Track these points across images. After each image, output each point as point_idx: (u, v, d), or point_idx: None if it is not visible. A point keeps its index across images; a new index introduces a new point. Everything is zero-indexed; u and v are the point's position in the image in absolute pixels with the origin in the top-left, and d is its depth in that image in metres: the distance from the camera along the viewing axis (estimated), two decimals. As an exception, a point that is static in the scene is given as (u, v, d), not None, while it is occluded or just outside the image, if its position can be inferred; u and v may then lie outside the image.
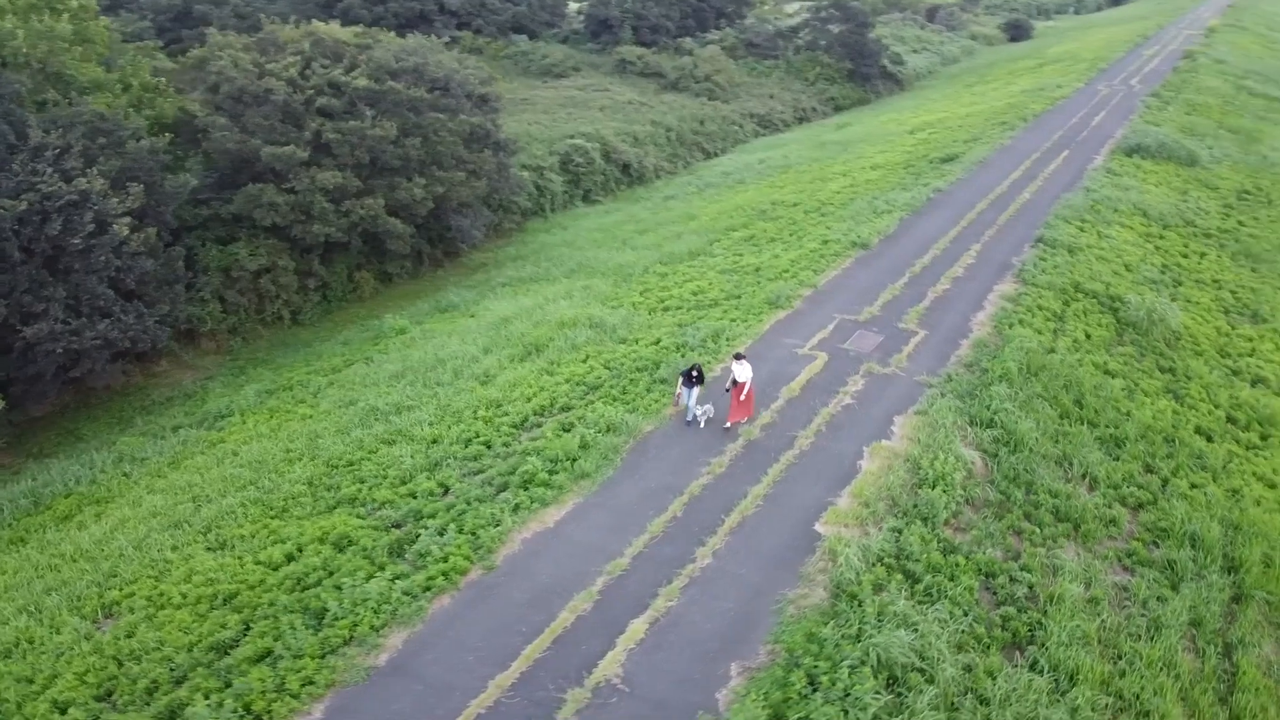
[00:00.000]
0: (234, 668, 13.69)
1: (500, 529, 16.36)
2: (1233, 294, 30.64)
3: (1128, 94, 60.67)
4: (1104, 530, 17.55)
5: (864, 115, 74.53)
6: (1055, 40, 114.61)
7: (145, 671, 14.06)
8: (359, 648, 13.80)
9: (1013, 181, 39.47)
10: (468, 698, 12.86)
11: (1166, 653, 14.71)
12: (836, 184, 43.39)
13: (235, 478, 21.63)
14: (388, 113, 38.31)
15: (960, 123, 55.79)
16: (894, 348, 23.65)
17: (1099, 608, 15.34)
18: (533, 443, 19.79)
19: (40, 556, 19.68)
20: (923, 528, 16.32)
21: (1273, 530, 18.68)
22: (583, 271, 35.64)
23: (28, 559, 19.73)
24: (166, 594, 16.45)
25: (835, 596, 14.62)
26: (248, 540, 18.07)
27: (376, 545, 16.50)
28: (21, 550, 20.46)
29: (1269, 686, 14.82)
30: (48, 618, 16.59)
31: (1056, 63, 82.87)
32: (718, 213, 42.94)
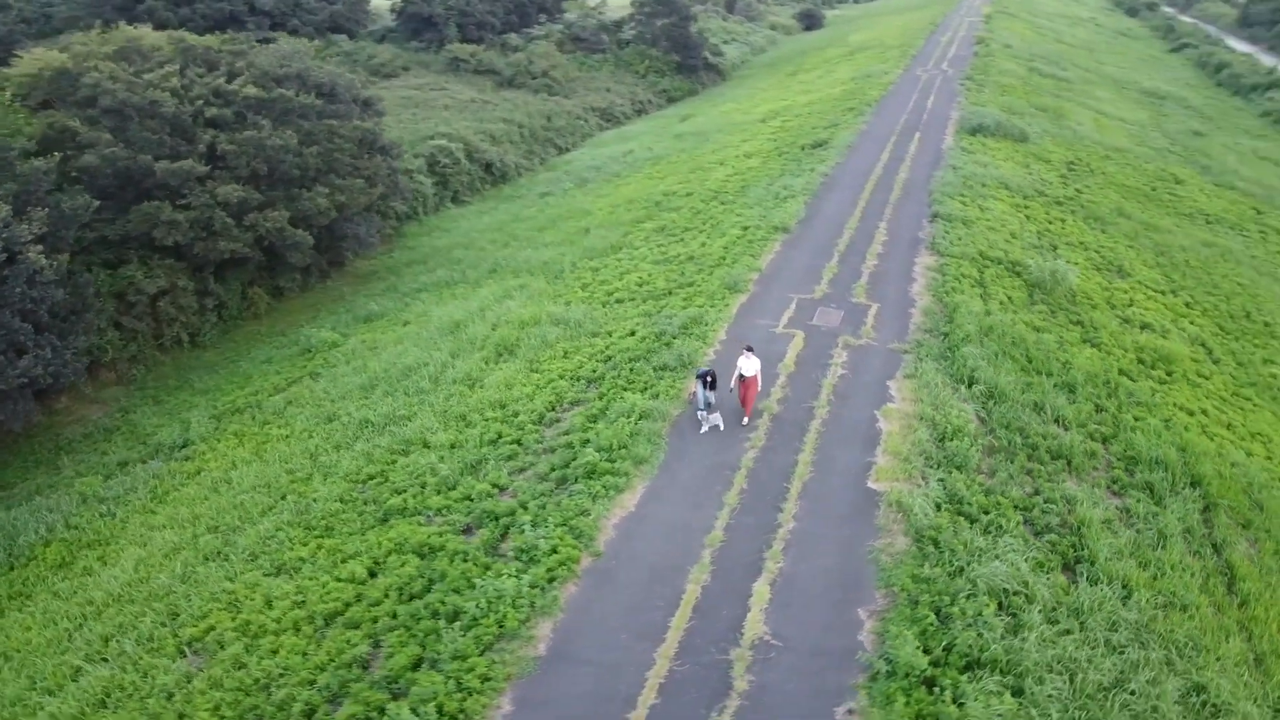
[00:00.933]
0: (395, 678, 13.90)
1: (591, 518, 17.12)
2: (1098, 253, 34.81)
3: (945, 78, 66.20)
4: (1089, 463, 20.21)
5: (701, 106, 77.37)
6: (849, 29, 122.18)
7: (292, 696, 14.02)
8: (514, 641, 14.32)
9: (885, 163, 42.81)
10: (641, 670, 13.71)
11: (1180, 557, 17.36)
12: (720, 173, 45.47)
13: (248, 504, 21.13)
14: (279, 121, 37.17)
15: (807, 110, 59.30)
16: (857, 321, 25.77)
17: (1114, 527, 17.85)
18: (567, 436, 20.49)
19: (66, 606, 18.66)
20: (961, 475, 18.36)
21: (1210, 449, 22.00)
22: (505, 272, 35.98)
23: (52, 610, 18.65)
24: (255, 622, 16.22)
25: (918, 541, 16.36)
26: (310, 562, 17.94)
27: (468, 548, 16.87)
28: (35, 602, 19.26)
29: (1256, 574, 17.77)
30: (129, 664, 15.97)
31: (865, 50, 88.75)
32: (610, 206, 44.13)
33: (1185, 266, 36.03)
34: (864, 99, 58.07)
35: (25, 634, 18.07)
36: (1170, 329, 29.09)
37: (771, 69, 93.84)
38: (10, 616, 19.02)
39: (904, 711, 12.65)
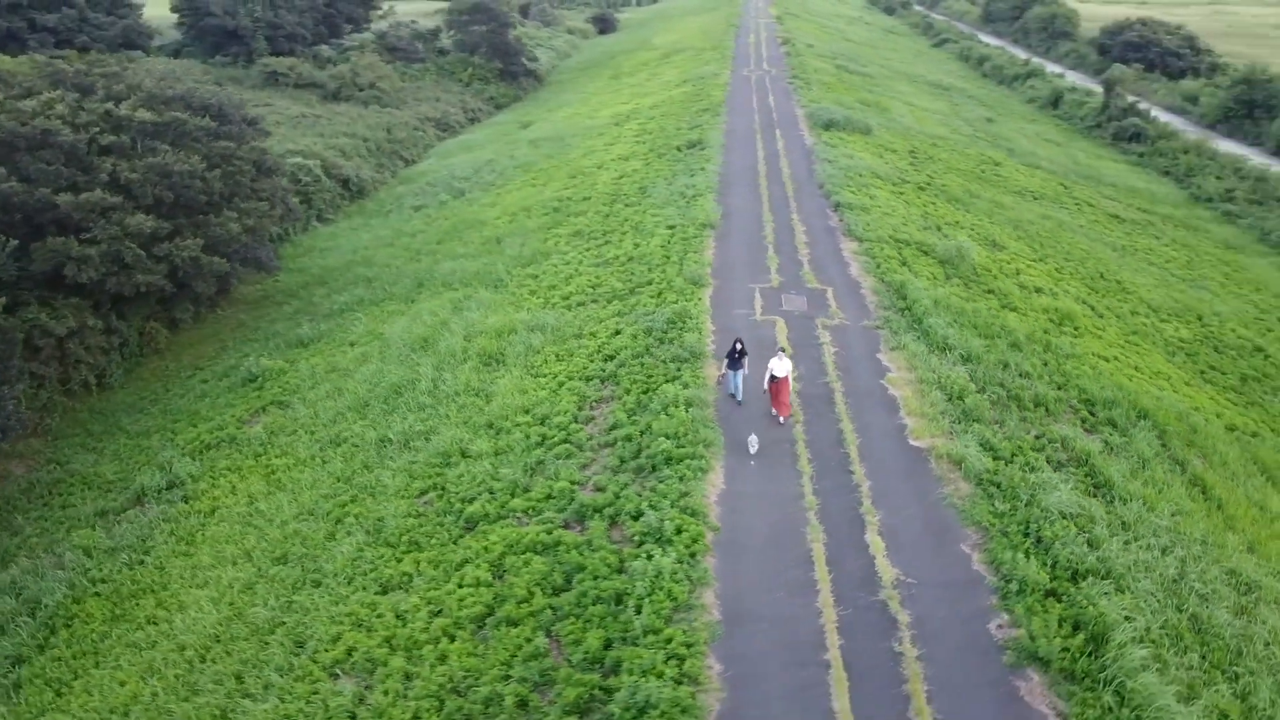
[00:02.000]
0: (595, 659, 14.93)
1: (693, 499, 18.57)
2: (972, 231, 39.22)
3: (771, 78, 70.78)
4: (1059, 407, 23.59)
5: (535, 111, 78.59)
6: (647, 32, 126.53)
7: (496, 692, 14.76)
8: (690, 611, 15.65)
9: (764, 159, 45.97)
10: (813, 619, 15.45)
11: (1164, 475, 20.89)
12: (604, 176, 47.17)
13: (307, 532, 21.07)
14: (176, 145, 35.70)
15: (657, 112, 61.89)
16: (820, 304, 28.33)
17: (1116, 455, 21.19)
18: (617, 430, 21.75)
19: (157, 655, 18.16)
20: (981, 426, 21.16)
21: (1137, 386, 26.05)
22: (435, 285, 36.20)
23: (143, 661, 18.10)
24: (400, 636, 16.67)
25: (979, 484, 18.94)
26: (418, 575, 18.42)
27: (586, 539, 17.95)
28: (111, 657, 18.54)
29: (1219, 482, 21.60)
30: (284, 694, 16.04)
31: (679, 53, 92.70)
32: (507, 215, 44.90)
33: (1039, 237, 41.14)
34: (710, 100, 61.32)
35: (128, 687, 17.49)
36: (1058, 291, 33.54)
37: (588, 73, 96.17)
38: (94, 675, 18.26)
39: (1047, 618, 15.05)
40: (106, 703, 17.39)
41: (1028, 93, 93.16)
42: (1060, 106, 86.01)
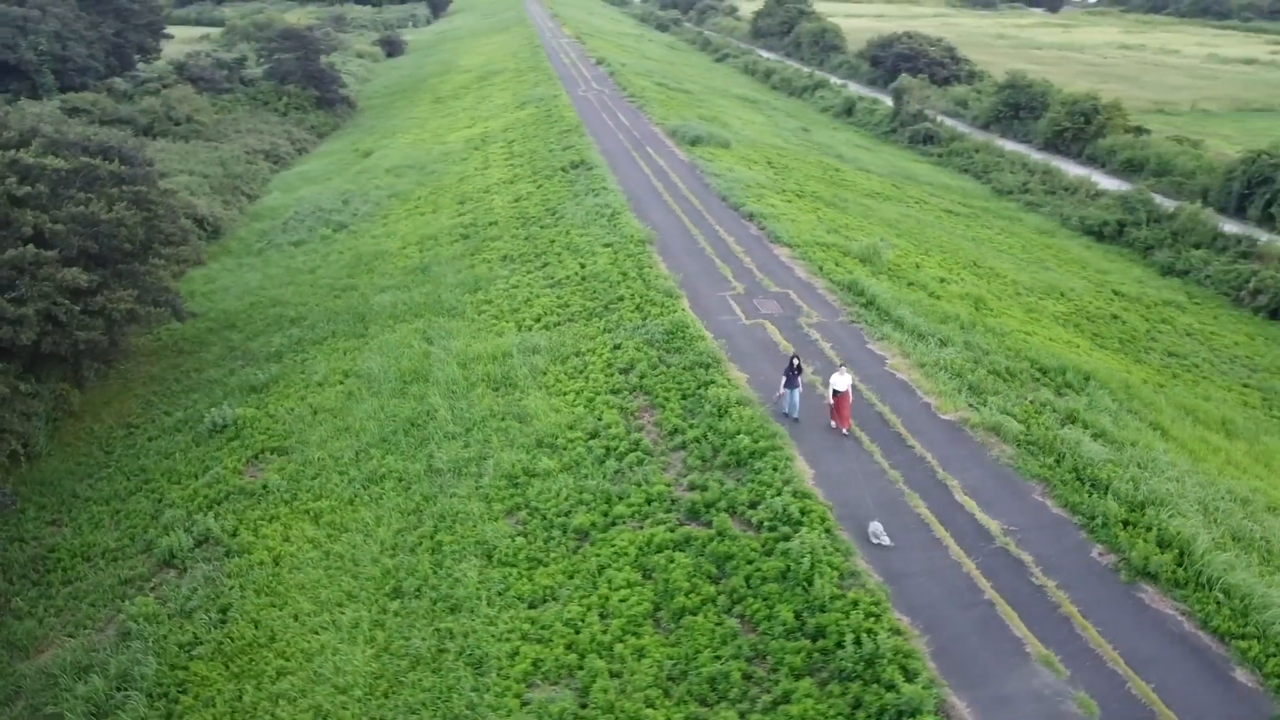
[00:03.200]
0: (799, 627, 16.82)
1: (797, 484, 20.68)
2: (860, 231, 43.42)
3: (610, 97, 73.55)
4: (1025, 376, 27.51)
5: (367, 139, 77.45)
6: (442, 54, 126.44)
7: (726, 669, 16.37)
8: (857, 578, 17.78)
9: (653, 175, 48.50)
10: (958, 568, 17.99)
11: (1139, 423, 25.09)
12: (498, 201, 48.17)
13: (409, 564, 21.47)
14: (89, 191, 33.83)
15: (515, 135, 63.11)
16: (790, 306, 31.12)
17: (1094, 412, 25.15)
18: (684, 434, 23.53)
19: (320, 699, 18.22)
20: (995, 397, 24.58)
21: (1066, 349, 30.54)
22: (383, 318, 36.14)
23: (312, 710, 18.11)
24: (590, 640, 17.83)
25: (1019, 445, 22.22)
26: (562, 587, 19.54)
27: (716, 530, 19.70)
28: (264, 712, 18.37)
29: (1174, 425, 26.09)
30: (501, 715, 16.83)
31: (496, 74, 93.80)
32: (407, 245, 45.06)
33: (911, 234, 46.03)
34: (566, 121, 63.18)
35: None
36: (958, 280, 38.11)
37: (404, 97, 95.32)
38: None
39: (1136, 541, 18.36)
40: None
41: (819, 102, 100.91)
42: (854, 114, 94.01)
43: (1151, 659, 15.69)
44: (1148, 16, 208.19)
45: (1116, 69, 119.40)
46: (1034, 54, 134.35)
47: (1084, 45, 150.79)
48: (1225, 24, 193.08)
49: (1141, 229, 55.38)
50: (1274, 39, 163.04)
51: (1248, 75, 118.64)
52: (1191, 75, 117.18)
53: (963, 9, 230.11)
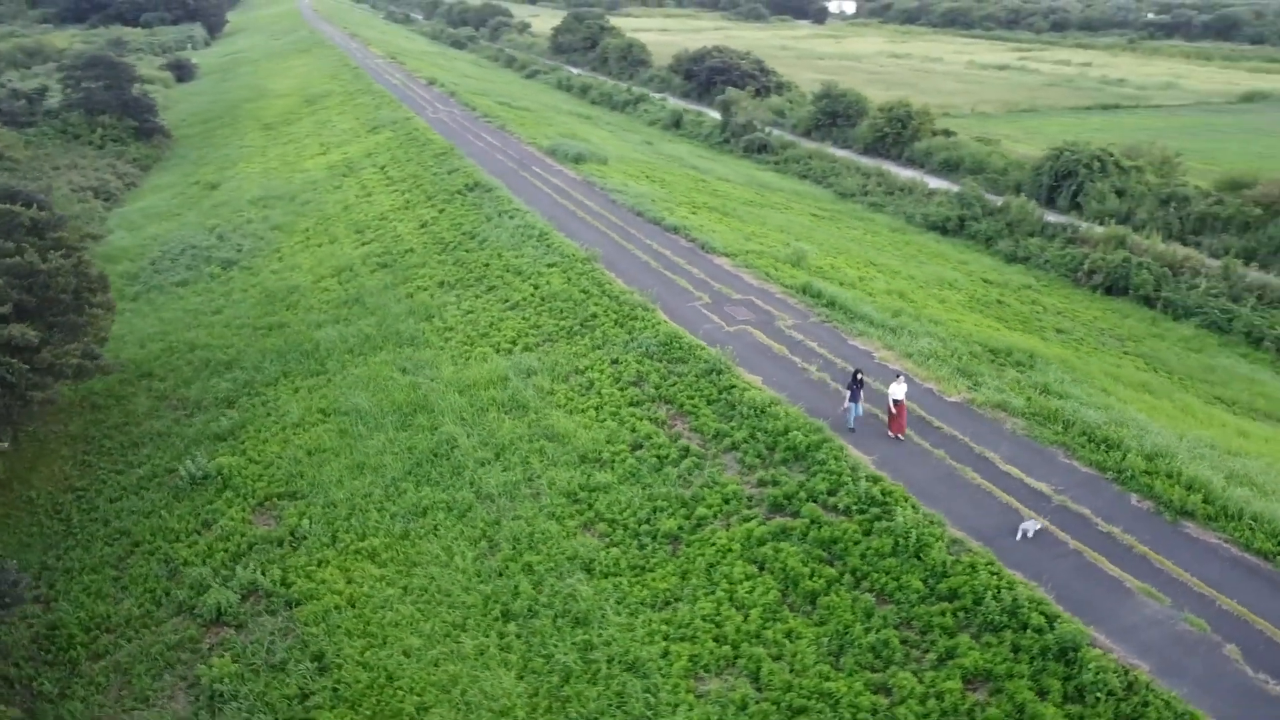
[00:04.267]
0: (930, 592, 18.86)
1: (863, 470, 22.72)
2: (766, 238, 46.31)
3: (464, 118, 73.49)
4: (985, 356, 30.92)
5: (201, 170, 73.71)
6: (243, 78, 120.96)
7: (887, 635, 18.19)
8: (954, 544, 20.01)
9: (556, 192, 49.53)
10: (1022, 517, 20.64)
11: (1091, 388, 28.91)
12: (404, 228, 47.82)
13: (506, 588, 21.94)
14: (13, 240, 31.43)
15: (383, 159, 62.14)
16: (760, 311, 33.28)
17: (1061, 381, 28.76)
18: (733, 435, 25.15)
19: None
20: (990, 378, 27.65)
21: (994, 333, 34.35)
22: (339, 354, 35.48)
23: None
24: (736, 630, 19.19)
25: (1026, 418, 25.29)
26: (683, 589, 20.76)
27: (809, 519, 21.49)
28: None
29: (1111, 386, 30.13)
30: (699, 702, 17.90)
31: (323, 98, 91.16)
32: (321, 277, 44.08)
33: (806, 237, 49.40)
34: (436, 144, 62.83)
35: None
36: (871, 277, 41.58)
37: (226, 126, 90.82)
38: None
39: (1165, 487, 21.63)
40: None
41: (645, 116, 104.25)
42: (682, 126, 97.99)
43: (1221, 580, 18.83)
44: (905, 27, 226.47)
45: (894, 76, 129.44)
46: (820, 64, 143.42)
47: (859, 55, 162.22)
48: (972, 33, 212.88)
49: (980, 222, 61.52)
50: (1015, 46, 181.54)
51: (1006, 79, 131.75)
52: (960, 81, 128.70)
53: (739, 22, 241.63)
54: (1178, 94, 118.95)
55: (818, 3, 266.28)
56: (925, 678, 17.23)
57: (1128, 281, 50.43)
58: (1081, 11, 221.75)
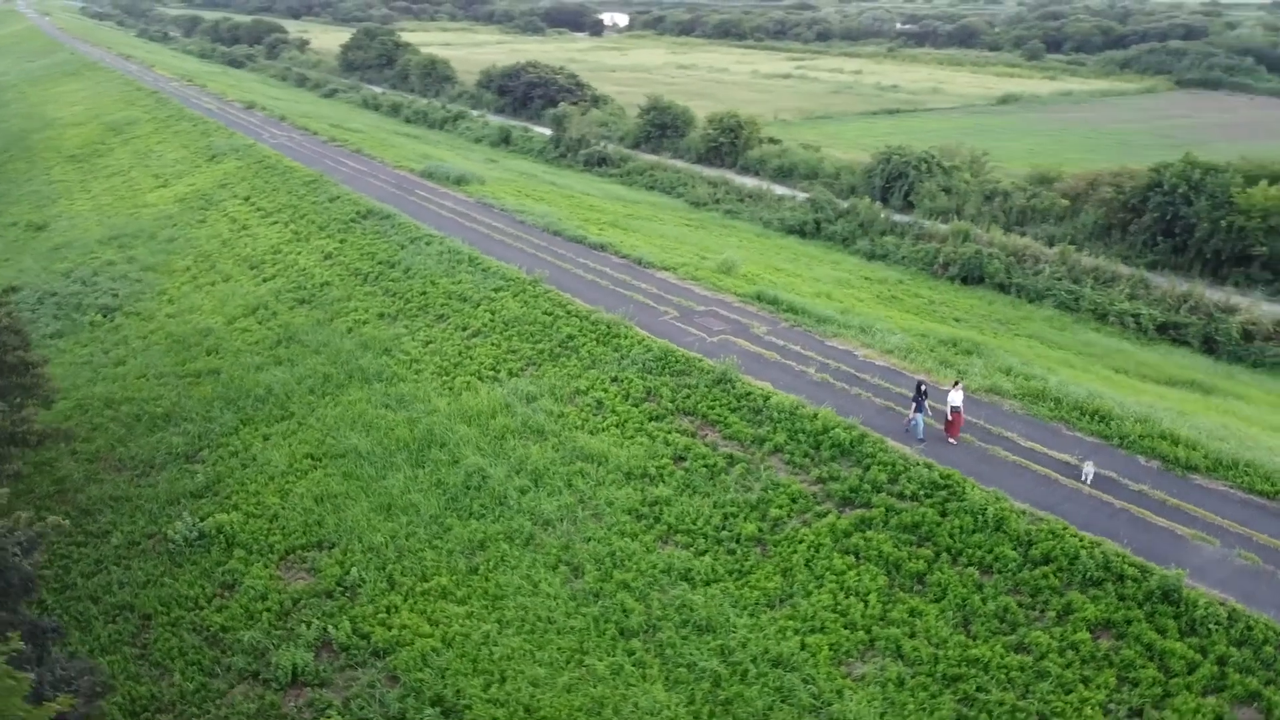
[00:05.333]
0: (1027, 561, 21.17)
1: (910, 458, 24.86)
2: (668, 249, 48.09)
3: (306, 141, 70.66)
4: (954, 347, 34.00)
5: (13, 208, 67.05)
6: (9, 105, 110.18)
7: (1006, 603, 20.29)
8: (1028, 514, 22.46)
9: (459, 215, 49.14)
10: (1082, 491, 23.45)
11: (1048, 368, 32.58)
12: (304, 260, 46.13)
13: (619, 606, 22.46)
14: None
15: (242, 189, 59.06)
16: (730, 320, 34.96)
17: (1018, 362, 32.18)
18: (771, 440, 26.68)
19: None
20: (970, 366, 30.57)
21: (925, 324, 37.72)
22: (301, 394, 34.11)
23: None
24: (864, 614, 20.77)
25: (1020, 399, 28.33)
26: (789, 587, 22.13)
27: (885, 506, 23.38)
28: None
29: (1058, 365, 33.97)
30: (858, 693, 19.26)
31: (131, 125, 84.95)
32: (237, 319, 42.00)
33: (699, 243, 51.57)
34: (298, 171, 60.41)
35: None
36: (790, 280, 44.23)
37: (22, 159, 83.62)
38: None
39: (1165, 447, 25.06)
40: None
41: (469, 133, 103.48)
42: (511, 142, 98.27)
43: (1245, 518, 22.24)
44: (681, 39, 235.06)
45: (690, 87, 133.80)
46: (615, 76, 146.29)
47: (649, 66, 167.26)
48: (745, 43, 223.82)
49: (834, 224, 66.00)
50: (790, 55, 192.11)
51: (792, 88, 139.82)
52: (753, 90, 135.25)
53: (519, 35, 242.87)
54: (945, 98, 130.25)
55: (592, 16, 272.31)
56: (1054, 633, 19.46)
57: (982, 271, 55.67)
58: (841, 22, 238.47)
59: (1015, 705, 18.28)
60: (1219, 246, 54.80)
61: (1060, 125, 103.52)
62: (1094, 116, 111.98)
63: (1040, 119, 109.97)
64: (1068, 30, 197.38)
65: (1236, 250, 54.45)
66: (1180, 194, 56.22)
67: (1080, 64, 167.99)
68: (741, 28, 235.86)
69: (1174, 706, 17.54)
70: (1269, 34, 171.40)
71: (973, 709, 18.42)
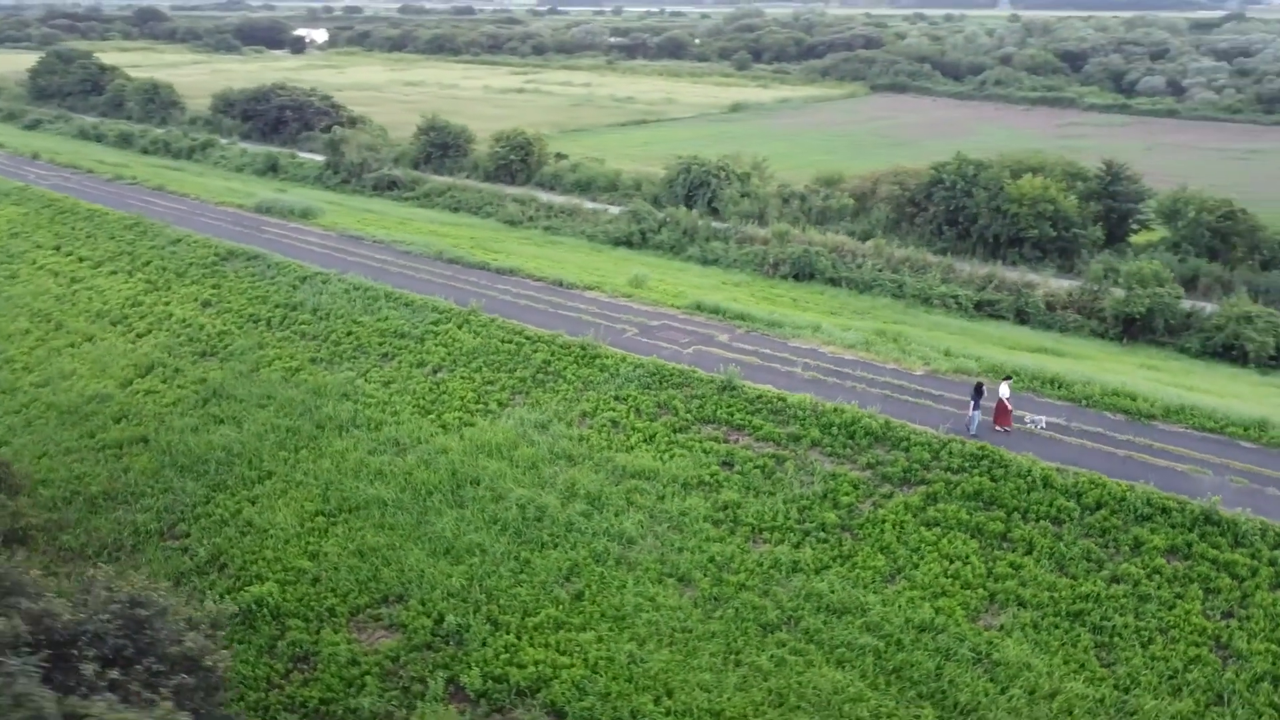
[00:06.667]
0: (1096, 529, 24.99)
1: (941, 437, 28.13)
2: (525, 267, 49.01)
3: (88, 181, 63.82)
4: (889, 337, 37.86)
5: None
6: None
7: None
8: (1065, 473, 26.33)
9: (335, 250, 47.20)
10: (1071, 443, 27.75)
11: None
12: (179, 310, 42.68)
13: (742, 609, 23.86)
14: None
15: (34, 238, 52.71)
16: (689, 332, 36.85)
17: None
18: (808, 435, 29.03)
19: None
20: (928, 352, 34.43)
21: (842, 319, 41.66)
22: (271, 453, 32.05)
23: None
24: (1006, 589, 23.68)
25: (990, 375, 32.52)
26: (901, 582, 24.65)
27: (948, 482, 26.50)
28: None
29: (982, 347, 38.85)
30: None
31: None
32: (127, 384, 38.34)
33: (559, 260, 52.79)
34: (108, 215, 54.90)
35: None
36: (697, 289, 46.68)
37: None
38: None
39: (1117, 399, 30.03)
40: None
41: (225, 162, 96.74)
42: (279, 170, 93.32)
43: (1212, 451, 27.39)
44: (395, 55, 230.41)
45: (428, 104, 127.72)
46: (344, 95, 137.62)
47: (375, 84, 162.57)
48: (461, 58, 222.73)
49: (659, 233, 69.27)
50: (513, 70, 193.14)
51: (532, 102, 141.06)
52: (492, 105, 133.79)
53: (214, 54, 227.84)
54: (681, 107, 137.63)
55: (289, 32, 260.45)
56: (1136, 564, 23.30)
57: (812, 268, 60.89)
58: (553, 36, 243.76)
59: (1136, 626, 21.85)
60: (997, 231, 63.31)
61: (793, 129, 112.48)
62: (817, 120, 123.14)
63: (773, 124, 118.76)
64: (765, 41, 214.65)
65: (1011, 234, 63.18)
66: (960, 188, 64.39)
67: (785, 72, 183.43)
68: (456, 42, 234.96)
69: (1255, 603, 21.81)
70: (933, 44, 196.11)
71: (1105, 635, 21.78)
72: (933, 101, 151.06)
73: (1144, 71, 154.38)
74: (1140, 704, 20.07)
